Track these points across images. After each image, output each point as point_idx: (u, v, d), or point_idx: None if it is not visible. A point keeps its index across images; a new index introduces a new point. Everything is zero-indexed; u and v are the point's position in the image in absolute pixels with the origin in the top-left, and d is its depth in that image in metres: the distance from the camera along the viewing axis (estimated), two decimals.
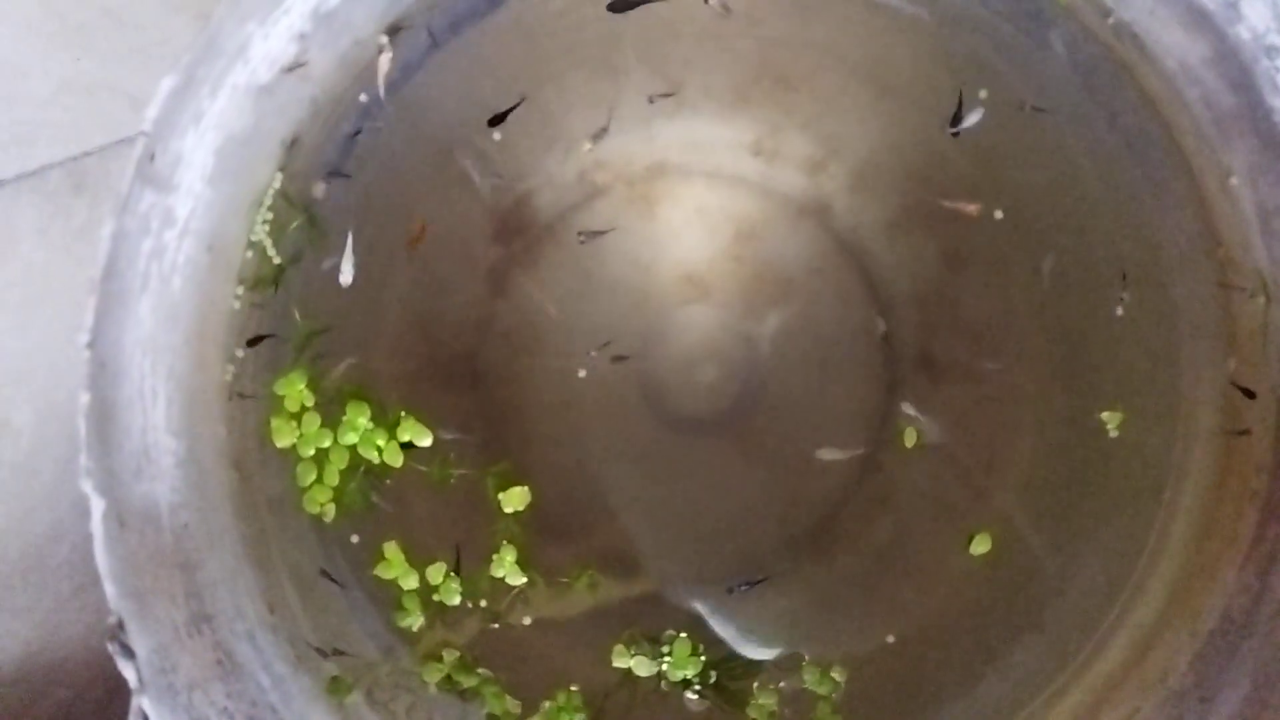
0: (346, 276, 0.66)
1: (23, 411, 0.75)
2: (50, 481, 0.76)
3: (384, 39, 0.62)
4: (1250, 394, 0.64)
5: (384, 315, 0.69)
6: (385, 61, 0.63)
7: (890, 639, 0.69)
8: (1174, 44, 0.61)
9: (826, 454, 0.70)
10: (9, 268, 0.76)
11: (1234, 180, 0.62)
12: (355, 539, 0.67)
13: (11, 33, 0.76)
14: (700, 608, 0.69)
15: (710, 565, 0.71)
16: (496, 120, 0.68)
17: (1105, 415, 0.67)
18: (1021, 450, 0.69)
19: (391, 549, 0.66)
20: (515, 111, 0.68)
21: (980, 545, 0.68)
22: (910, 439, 0.69)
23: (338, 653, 0.64)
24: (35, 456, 0.76)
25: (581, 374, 0.70)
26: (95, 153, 0.78)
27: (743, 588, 0.68)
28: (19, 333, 0.76)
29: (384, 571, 0.66)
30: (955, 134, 0.66)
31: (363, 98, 0.65)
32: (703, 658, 0.67)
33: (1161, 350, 0.67)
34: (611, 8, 0.67)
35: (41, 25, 0.76)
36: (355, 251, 0.66)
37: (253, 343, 0.64)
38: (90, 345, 0.49)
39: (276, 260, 0.65)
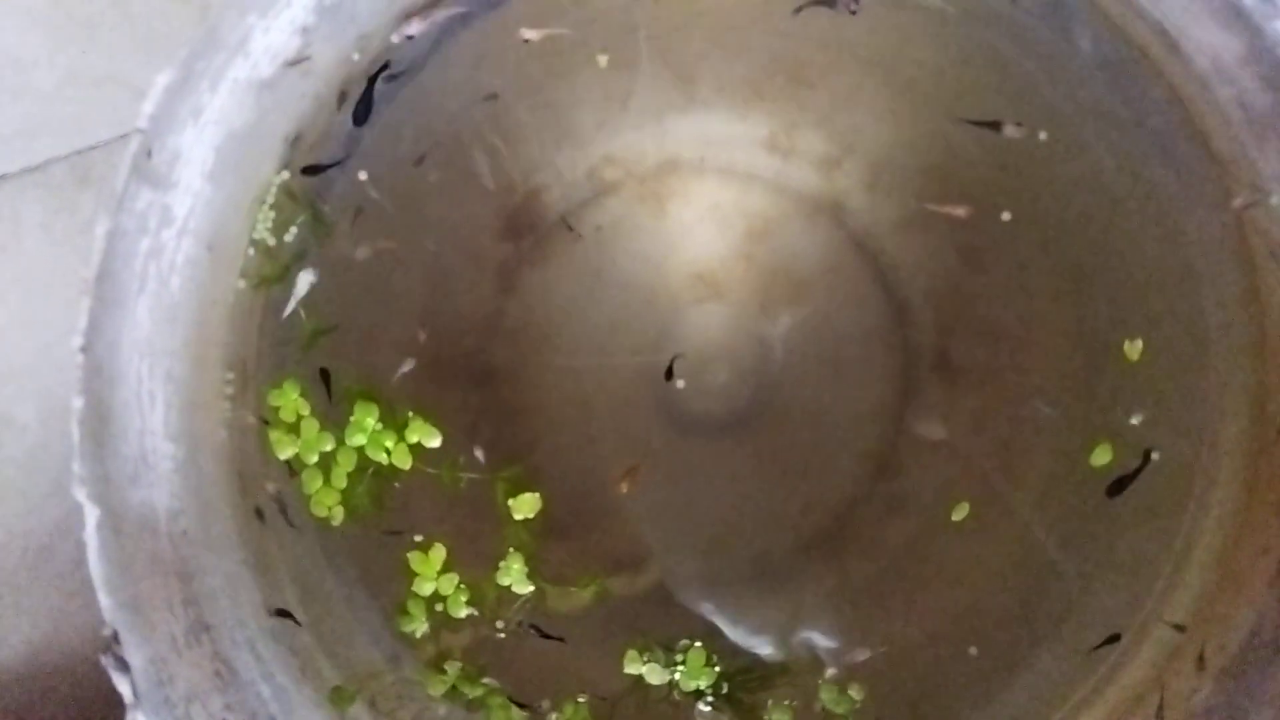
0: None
1: (27, 408, 0.76)
2: (55, 478, 0.76)
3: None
4: None
5: (392, 312, 0.68)
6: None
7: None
8: (1207, 41, 0.60)
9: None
10: (13, 263, 0.76)
11: (1275, 200, 0.61)
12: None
13: (17, 25, 0.76)
14: (709, 610, 0.68)
15: (721, 567, 0.70)
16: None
17: (1130, 421, 0.66)
18: (1041, 454, 0.68)
19: (438, 550, 0.65)
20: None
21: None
22: (960, 513, 0.67)
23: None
24: (39, 453, 0.76)
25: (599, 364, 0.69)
26: (100, 147, 0.78)
27: None
28: (23, 328, 0.76)
29: (419, 566, 0.64)
30: None
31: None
32: (717, 668, 0.66)
33: (1189, 356, 0.66)
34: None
35: (47, 17, 0.77)
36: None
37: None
38: (84, 349, 0.48)
39: (280, 258, 0.64)
